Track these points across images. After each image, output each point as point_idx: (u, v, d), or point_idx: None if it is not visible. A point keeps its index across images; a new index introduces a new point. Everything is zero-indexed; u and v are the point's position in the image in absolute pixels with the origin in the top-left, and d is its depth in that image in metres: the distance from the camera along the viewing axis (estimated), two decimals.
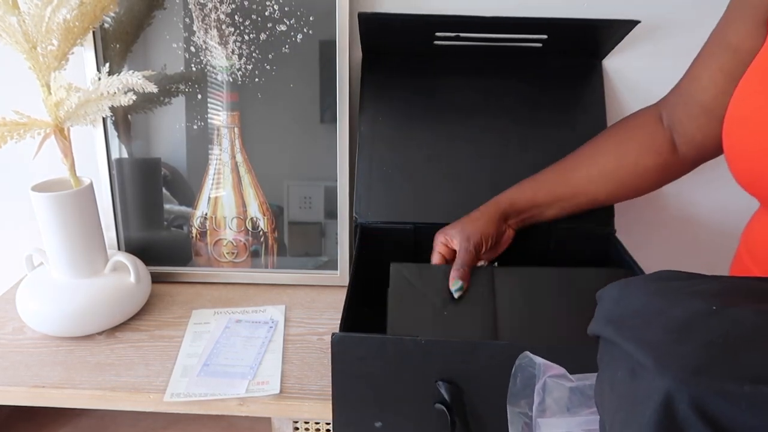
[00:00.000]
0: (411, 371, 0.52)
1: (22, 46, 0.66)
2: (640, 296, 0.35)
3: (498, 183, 0.73)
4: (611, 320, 0.36)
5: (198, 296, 0.84)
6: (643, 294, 0.35)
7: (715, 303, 0.32)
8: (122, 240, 0.87)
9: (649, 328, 0.32)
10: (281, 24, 0.79)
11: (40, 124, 0.69)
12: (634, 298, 0.36)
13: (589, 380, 0.42)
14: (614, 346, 0.34)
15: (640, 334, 0.32)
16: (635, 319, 0.34)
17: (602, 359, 0.37)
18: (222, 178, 0.84)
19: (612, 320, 0.36)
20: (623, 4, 0.79)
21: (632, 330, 0.33)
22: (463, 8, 0.80)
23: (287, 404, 0.63)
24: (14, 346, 0.72)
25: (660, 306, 0.34)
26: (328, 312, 0.80)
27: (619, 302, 0.37)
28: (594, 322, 0.38)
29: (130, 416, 0.79)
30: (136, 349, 0.71)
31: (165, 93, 0.82)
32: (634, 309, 0.35)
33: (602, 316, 0.37)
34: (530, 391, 0.44)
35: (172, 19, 0.80)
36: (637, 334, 0.33)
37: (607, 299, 0.38)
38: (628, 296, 0.36)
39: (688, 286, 0.35)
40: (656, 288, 0.36)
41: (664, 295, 0.35)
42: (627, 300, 0.36)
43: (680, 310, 0.32)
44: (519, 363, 0.47)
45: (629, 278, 0.39)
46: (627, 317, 0.35)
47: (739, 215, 0.91)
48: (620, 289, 0.38)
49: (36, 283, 0.73)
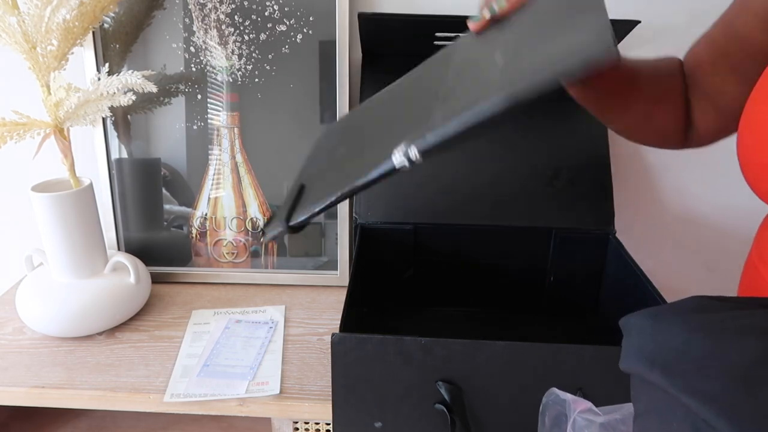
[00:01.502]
0: (411, 371, 0.52)
1: (22, 46, 0.66)
2: (680, 332, 0.32)
3: (497, 183, 0.73)
4: (652, 360, 0.32)
5: (198, 296, 0.84)
6: (683, 330, 0.32)
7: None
8: (122, 240, 0.87)
9: (706, 376, 0.29)
10: (281, 24, 0.79)
11: (39, 124, 0.69)
12: (672, 333, 0.32)
13: (617, 413, 0.42)
14: (664, 393, 0.31)
15: (698, 385, 0.29)
16: (684, 363, 0.31)
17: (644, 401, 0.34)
18: (222, 179, 0.84)
19: (653, 360, 0.32)
20: (623, 4, 0.79)
21: (686, 379, 0.30)
22: (463, 8, 0.80)
23: (287, 404, 0.63)
24: (14, 347, 0.72)
25: (708, 347, 0.30)
26: (328, 312, 0.80)
27: (654, 337, 0.33)
28: (626, 356, 0.35)
29: (130, 417, 0.79)
30: (136, 350, 0.71)
31: (165, 93, 0.82)
32: (676, 348, 0.32)
33: (636, 352, 0.34)
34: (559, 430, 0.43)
35: (172, 19, 0.80)
36: (695, 384, 0.29)
37: (637, 331, 0.35)
38: (664, 331, 0.33)
39: (730, 318, 0.32)
40: (697, 323, 0.32)
41: (707, 332, 0.31)
42: (663, 335, 0.33)
43: (734, 353, 0.29)
44: (546, 401, 0.47)
45: (657, 308, 0.35)
46: (672, 359, 0.31)
47: (739, 215, 0.91)
48: (652, 322, 0.34)
49: (36, 283, 0.73)
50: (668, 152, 0.89)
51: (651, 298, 0.59)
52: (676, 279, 0.95)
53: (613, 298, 0.75)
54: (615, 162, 0.80)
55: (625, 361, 0.35)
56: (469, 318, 0.80)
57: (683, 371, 0.30)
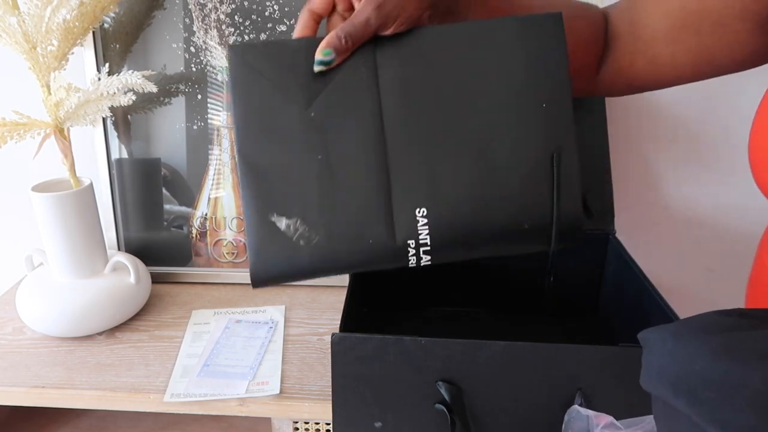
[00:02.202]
0: (411, 371, 0.52)
1: (22, 46, 0.66)
2: (704, 355, 0.31)
3: None
4: (675, 384, 0.32)
5: (198, 296, 0.84)
6: (707, 352, 0.31)
7: None
8: (122, 240, 0.87)
9: (732, 407, 0.28)
10: (281, 24, 0.79)
11: (40, 124, 0.69)
12: (695, 355, 0.31)
13: (638, 427, 0.41)
14: (689, 420, 0.31)
15: (725, 418, 0.29)
16: (709, 391, 0.30)
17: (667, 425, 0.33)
18: (222, 179, 0.84)
19: (676, 385, 0.31)
20: None
21: (712, 409, 0.29)
22: None
23: (287, 404, 0.63)
24: (14, 347, 0.72)
25: (734, 373, 0.29)
26: (328, 312, 0.80)
27: (676, 357, 0.32)
28: (648, 376, 0.34)
29: (130, 416, 0.79)
30: (136, 350, 0.71)
31: (165, 93, 0.82)
32: (701, 372, 0.30)
33: (658, 373, 0.33)
34: None
35: (172, 20, 0.80)
36: (722, 416, 0.29)
37: (658, 349, 0.33)
38: (686, 351, 0.32)
39: (752, 340, 0.31)
40: (721, 345, 0.31)
41: (733, 355, 0.30)
42: (686, 356, 0.32)
43: (760, 382, 0.28)
44: (568, 419, 0.47)
45: (677, 325, 0.34)
46: (697, 385, 0.30)
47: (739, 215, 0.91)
48: (674, 340, 0.33)
49: (36, 283, 0.73)
50: (668, 152, 0.89)
51: (651, 299, 0.59)
52: (676, 279, 0.95)
53: (613, 298, 0.75)
54: (615, 162, 0.80)
55: (647, 381, 0.34)
56: (469, 318, 0.80)
57: (709, 399, 0.30)
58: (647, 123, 0.87)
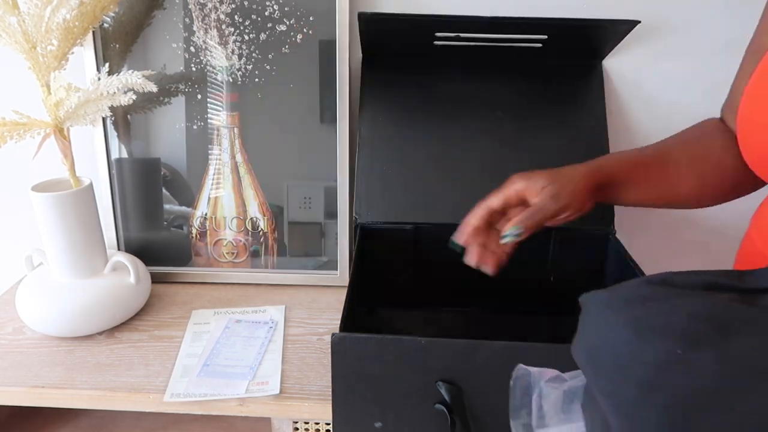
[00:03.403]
0: (411, 371, 0.52)
1: (22, 46, 0.66)
2: (616, 326, 0.32)
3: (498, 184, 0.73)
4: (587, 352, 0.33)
5: (198, 296, 0.84)
6: (620, 323, 0.32)
7: (681, 344, 0.29)
8: (122, 240, 0.87)
9: (622, 379, 0.30)
10: (281, 24, 0.79)
11: (39, 124, 0.69)
12: (609, 326, 0.33)
13: (581, 379, 0.42)
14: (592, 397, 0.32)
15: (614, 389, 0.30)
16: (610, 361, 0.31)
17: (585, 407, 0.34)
18: (222, 179, 0.84)
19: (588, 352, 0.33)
20: (623, 4, 0.79)
21: (609, 381, 0.31)
22: (463, 8, 0.80)
23: (287, 404, 0.63)
24: (14, 347, 0.72)
25: (633, 345, 0.31)
26: (328, 312, 0.80)
27: (597, 327, 0.34)
28: (577, 345, 0.35)
29: (130, 416, 0.79)
30: (136, 350, 0.71)
31: (165, 93, 0.82)
32: (610, 344, 0.32)
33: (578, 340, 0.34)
34: (529, 401, 0.44)
35: (172, 19, 0.80)
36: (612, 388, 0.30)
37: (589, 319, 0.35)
38: (605, 321, 0.33)
39: (659, 312, 0.32)
40: (631, 318, 0.32)
41: (636, 329, 0.31)
42: (603, 327, 0.33)
43: (651, 353, 0.30)
44: (515, 375, 0.47)
45: (609, 293, 0.35)
46: (604, 357, 0.32)
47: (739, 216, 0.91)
48: (598, 310, 0.34)
49: (36, 283, 0.73)
50: None
51: None
52: None
53: None
54: None
55: (576, 351, 0.35)
56: (469, 318, 0.80)
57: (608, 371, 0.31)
58: (647, 123, 0.87)
